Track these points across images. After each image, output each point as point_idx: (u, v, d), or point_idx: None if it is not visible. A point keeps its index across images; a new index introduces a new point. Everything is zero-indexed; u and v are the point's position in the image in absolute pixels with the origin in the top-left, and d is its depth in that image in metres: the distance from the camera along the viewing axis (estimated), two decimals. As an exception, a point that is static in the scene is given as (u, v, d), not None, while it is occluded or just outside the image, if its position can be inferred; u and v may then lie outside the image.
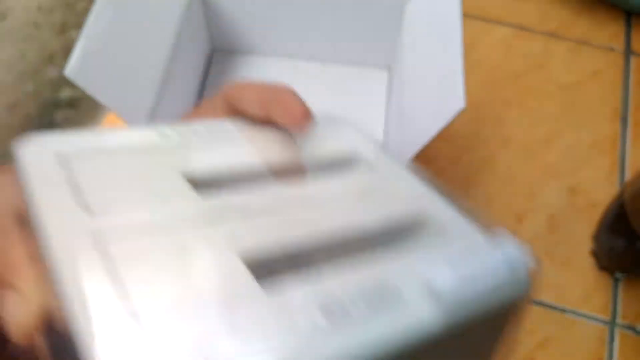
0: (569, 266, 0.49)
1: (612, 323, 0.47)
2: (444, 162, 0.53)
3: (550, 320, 0.47)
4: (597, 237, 0.48)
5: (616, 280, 0.48)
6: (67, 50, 0.53)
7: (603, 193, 0.51)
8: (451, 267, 0.21)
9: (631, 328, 0.47)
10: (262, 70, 0.55)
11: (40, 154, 0.23)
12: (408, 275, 0.21)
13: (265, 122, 0.29)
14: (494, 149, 0.53)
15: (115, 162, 0.24)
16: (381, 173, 0.28)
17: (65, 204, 0.21)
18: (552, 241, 0.50)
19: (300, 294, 0.19)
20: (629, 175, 0.52)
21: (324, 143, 0.29)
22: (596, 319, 0.47)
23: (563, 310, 0.47)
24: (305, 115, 0.28)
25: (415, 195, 0.26)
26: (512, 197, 0.51)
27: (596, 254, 0.49)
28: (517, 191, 0.52)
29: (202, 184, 0.24)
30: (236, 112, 0.30)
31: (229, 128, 0.28)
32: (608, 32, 0.60)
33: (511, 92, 0.56)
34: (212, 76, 0.54)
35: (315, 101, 0.33)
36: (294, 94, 0.28)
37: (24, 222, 0.22)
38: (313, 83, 0.54)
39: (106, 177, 0.23)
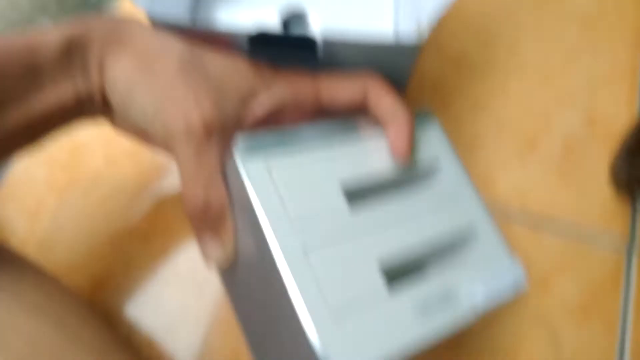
0: (585, 192, 0.47)
1: (630, 249, 0.45)
2: (454, 88, 0.51)
3: (567, 245, 0.45)
4: (617, 161, 0.46)
5: (635, 206, 0.46)
6: (60, 1, 0.51)
7: (622, 119, 0.49)
8: (485, 286, 0.32)
9: (651, 254, 0.44)
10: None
11: (254, 162, 0.30)
12: (462, 285, 0.32)
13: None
14: (507, 74, 0.51)
15: (300, 175, 0.30)
16: (452, 182, 0.36)
17: (277, 213, 0.28)
18: (568, 167, 0.48)
19: (406, 296, 0.30)
20: (649, 101, 0.50)
21: (417, 150, 0.35)
22: (614, 244, 0.45)
23: (580, 236, 0.45)
24: (407, 156, 0.34)
25: (472, 208, 0.35)
26: (525, 123, 0.49)
27: (615, 177, 0.46)
28: (531, 117, 0.49)
29: (351, 192, 0.32)
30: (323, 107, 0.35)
31: (365, 134, 0.34)
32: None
33: (527, 16, 0.54)
34: None
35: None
36: (411, 126, 0.34)
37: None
38: None
39: (294, 189, 0.30)
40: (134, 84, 0.31)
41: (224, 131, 0.31)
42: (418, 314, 0.29)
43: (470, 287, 0.32)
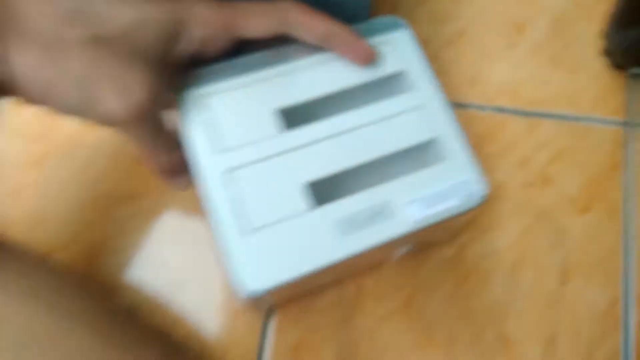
0: (579, 70, 0.45)
1: (628, 123, 0.43)
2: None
3: (563, 131, 0.43)
4: (608, 33, 0.43)
5: (631, 78, 0.44)
6: None
7: (611, -15, 0.45)
8: (426, 205, 0.32)
9: (650, 126, 0.43)
10: None
11: (189, 93, 0.33)
12: (402, 199, 0.32)
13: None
14: (484, -47, 0.47)
15: (238, 101, 0.33)
16: (420, 95, 0.35)
17: (207, 146, 0.32)
18: (558, 47, 0.45)
19: (332, 212, 0.31)
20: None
21: (382, 62, 0.35)
22: (611, 122, 0.43)
23: (576, 119, 0.44)
24: (371, 56, 0.34)
25: (438, 122, 0.34)
26: (509, 5, 0.46)
27: (608, 52, 0.44)
28: (517, 1, 0.46)
29: (290, 111, 0.34)
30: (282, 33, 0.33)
31: (303, 55, 0.35)
32: None
33: None
34: None
35: None
36: (355, 35, 0.34)
37: None
38: None
39: (229, 117, 0.33)
40: (48, 83, 0.28)
41: (161, 92, 0.31)
42: (340, 230, 0.31)
43: (409, 202, 0.32)
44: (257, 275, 0.30)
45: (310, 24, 0.33)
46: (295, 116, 0.34)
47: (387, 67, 0.35)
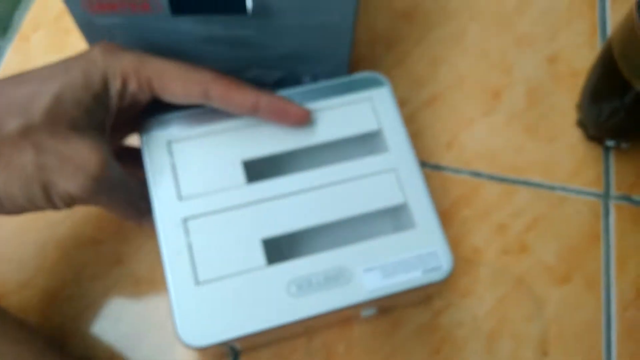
0: (554, 141, 0.45)
1: (606, 195, 0.43)
2: (408, 44, 0.47)
3: (539, 200, 0.43)
4: (582, 104, 0.44)
5: (607, 150, 0.44)
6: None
7: (584, 60, 0.46)
8: (385, 274, 0.30)
9: (627, 198, 0.43)
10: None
11: (157, 140, 0.33)
12: (361, 265, 0.30)
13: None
14: (463, 23, 0.48)
15: (202, 149, 0.33)
16: (392, 158, 0.33)
17: (168, 190, 0.32)
18: (534, 116, 0.45)
19: (287, 268, 0.30)
20: (611, 37, 0.48)
21: (358, 119, 0.34)
22: (589, 193, 0.43)
23: (552, 188, 0.43)
24: (306, 117, 0.33)
25: (409, 187, 0.33)
26: (486, 73, 0.46)
27: (583, 124, 0.44)
28: (492, 66, 0.47)
29: (255, 164, 0.33)
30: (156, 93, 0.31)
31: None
32: None
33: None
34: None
35: None
36: (284, 100, 0.33)
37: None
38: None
39: (192, 163, 0.32)
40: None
41: (111, 154, 0.30)
42: (292, 291, 0.29)
43: (367, 269, 0.30)
44: (199, 329, 0.28)
45: (234, 98, 0.32)
46: (260, 169, 0.33)
47: (362, 125, 0.34)
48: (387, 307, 0.37)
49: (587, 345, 0.39)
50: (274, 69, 0.38)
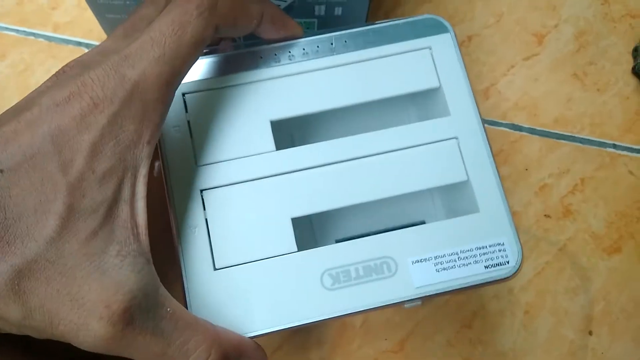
0: (605, 91, 0.39)
1: (661, 154, 0.38)
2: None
3: (587, 158, 0.38)
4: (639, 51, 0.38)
5: (665, 102, 0.39)
6: None
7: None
8: (439, 268, 0.25)
9: (686, 158, 0.37)
10: None
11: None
12: (409, 255, 0.25)
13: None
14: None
15: (221, 105, 0.27)
16: (455, 123, 0.27)
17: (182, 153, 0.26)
18: (583, 62, 0.40)
19: (321, 255, 0.25)
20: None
21: (414, 73, 0.28)
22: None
23: (601, 145, 0.38)
24: (301, 33, 0.28)
25: (473, 161, 0.26)
26: (529, 11, 0.41)
27: (639, 72, 0.39)
28: (535, 3, 0.41)
29: (281, 127, 0.27)
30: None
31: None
32: None
33: None
34: None
35: None
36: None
37: None
38: None
39: (210, 122, 0.27)
40: None
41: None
42: (327, 283, 0.24)
43: (417, 261, 0.25)
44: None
45: (284, 17, 0.27)
46: (291, 133, 0.29)
47: (418, 80, 0.27)
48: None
49: (638, 324, 0.34)
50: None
